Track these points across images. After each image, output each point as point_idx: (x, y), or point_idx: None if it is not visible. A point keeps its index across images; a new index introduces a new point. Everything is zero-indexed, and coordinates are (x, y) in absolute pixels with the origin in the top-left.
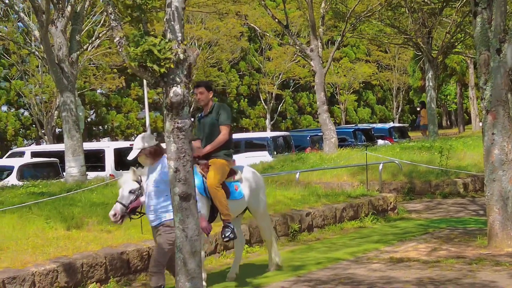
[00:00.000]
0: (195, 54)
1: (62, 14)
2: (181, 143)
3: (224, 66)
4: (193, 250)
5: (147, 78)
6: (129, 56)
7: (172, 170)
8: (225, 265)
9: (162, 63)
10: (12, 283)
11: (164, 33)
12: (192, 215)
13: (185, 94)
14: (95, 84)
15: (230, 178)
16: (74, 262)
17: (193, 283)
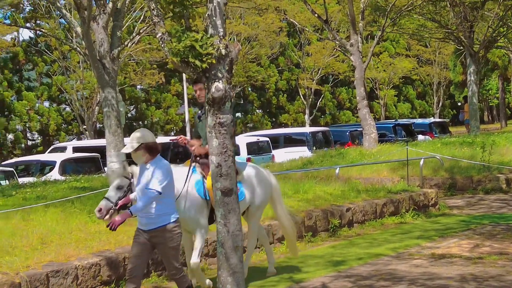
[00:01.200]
0: (236, 50)
1: (104, 10)
2: (222, 138)
3: (263, 61)
4: (235, 245)
5: (189, 73)
6: (171, 51)
7: (214, 165)
8: (265, 260)
9: (204, 59)
10: (56, 277)
11: (206, 29)
12: (234, 210)
13: (227, 90)
14: (135, 79)
15: None
16: (116, 256)
17: (235, 277)
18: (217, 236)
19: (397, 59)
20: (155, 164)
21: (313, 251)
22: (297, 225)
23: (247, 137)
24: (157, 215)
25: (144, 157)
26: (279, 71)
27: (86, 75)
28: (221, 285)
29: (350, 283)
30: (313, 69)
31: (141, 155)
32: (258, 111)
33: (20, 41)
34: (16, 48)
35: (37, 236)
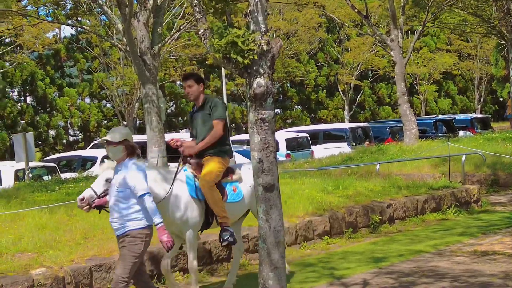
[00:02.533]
0: (278, 45)
1: (145, 7)
2: (264, 134)
3: (302, 57)
4: (276, 240)
5: (230, 69)
6: (213, 47)
7: (256, 161)
8: (305, 256)
9: (246, 55)
10: (99, 271)
11: (247, 25)
12: (276, 205)
13: (269, 85)
14: (175, 76)
15: (227, 178)
16: (158, 251)
17: (277, 273)
18: (259, 231)
19: (437, 54)
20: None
21: (354, 247)
22: (337, 221)
23: (286, 133)
24: (124, 219)
25: (122, 154)
26: (318, 66)
27: (126, 71)
28: (262, 281)
29: (391, 280)
30: (352, 65)
31: (120, 150)
32: (297, 107)
33: (62, 38)
34: (58, 45)
35: (80, 231)
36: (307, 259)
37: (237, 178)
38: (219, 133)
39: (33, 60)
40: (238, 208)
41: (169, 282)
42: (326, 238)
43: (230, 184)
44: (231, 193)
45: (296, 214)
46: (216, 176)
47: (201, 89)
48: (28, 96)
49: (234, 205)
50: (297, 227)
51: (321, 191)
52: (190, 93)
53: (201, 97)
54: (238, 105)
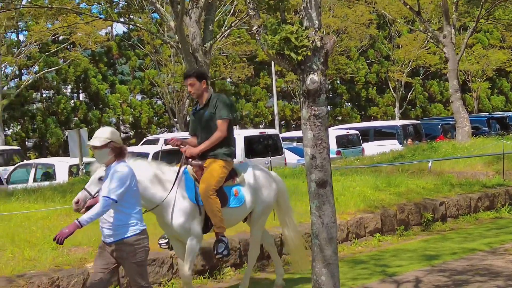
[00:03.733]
0: (331, 42)
1: (196, 4)
2: (317, 130)
3: (352, 54)
4: (329, 236)
5: (284, 65)
6: (266, 44)
7: (309, 157)
8: (357, 253)
9: (299, 51)
10: (152, 265)
11: (301, 21)
12: (329, 202)
13: (322, 82)
14: (225, 73)
15: (229, 182)
16: (209, 247)
17: (329, 269)
18: (312, 227)
19: (490, 51)
20: (115, 169)
21: (406, 245)
22: (388, 218)
23: (336, 130)
24: (117, 225)
25: (109, 156)
26: (368, 63)
27: (177, 68)
28: (315, 276)
29: (444, 278)
30: (403, 62)
31: (106, 153)
32: (347, 104)
33: (114, 36)
34: (110, 42)
35: None
36: (358, 256)
37: (240, 181)
38: (223, 134)
39: (86, 57)
40: (239, 213)
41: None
42: (377, 235)
43: (232, 188)
44: (233, 198)
45: (347, 211)
46: (217, 183)
47: (204, 86)
48: (81, 93)
49: (235, 210)
50: (348, 224)
51: (372, 188)
52: (192, 92)
53: (205, 95)
54: (288, 103)
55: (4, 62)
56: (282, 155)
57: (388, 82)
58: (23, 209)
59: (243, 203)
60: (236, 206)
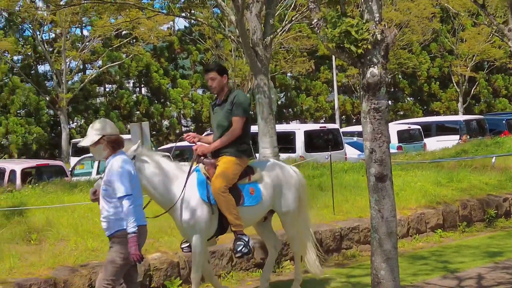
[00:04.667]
0: (392, 35)
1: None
2: (377, 124)
3: (414, 48)
4: (389, 231)
5: (344, 59)
6: (326, 37)
7: (368, 150)
8: (417, 248)
9: (359, 44)
10: (212, 257)
11: (361, 14)
12: (388, 196)
13: (382, 75)
14: (286, 67)
15: (244, 179)
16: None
17: (389, 263)
18: (371, 221)
19: None
20: (111, 164)
21: (468, 241)
22: (450, 214)
23: (398, 125)
24: (114, 219)
25: (105, 151)
26: (431, 57)
27: (238, 63)
28: (374, 271)
29: (508, 275)
30: (467, 56)
31: (102, 149)
32: (409, 99)
33: (176, 31)
34: (172, 37)
35: None
36: (419, 252)
37: (256, 178)
38: (237, 132)
39: (148, 52)
40: (256, 211)
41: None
42: (439, 231)
43: (247, 186)
44: (248, 196)
45: (408, 206)
46: (229, 180)
47: (224, 81)
48: (143, 87)
49: (251, 209)
50: (409, 219)
51: (434, 183)
52: (213, 86)
53: (225, 90)
54: (348, 97)
55: (69, 56)
56: (342, 150)
57: (451, 77)
58: (86, 200)
59: (260, 202)
60: (253, 204)
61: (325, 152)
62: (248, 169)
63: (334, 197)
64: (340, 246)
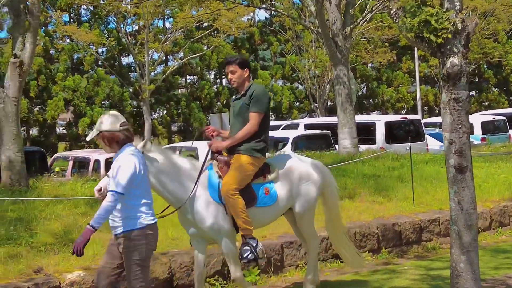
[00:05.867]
0: (473, 24)
1: None
2: (457, 115)
3: (500, 37)
4: (468, 223)
5: (423, 48)
6: (405, 27)
7: (447, 141)
8: (500, 242)
9: (439, 33)
10: (289, 248)
11: (441, 3)
12: (468, 187)
13: (463, 65)
14: (366, 58)
15: (259, 179)
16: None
17: (468, 256)
18: (450, 213)
19: None
20: (117, 158)
21: None
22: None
23: (481, 116)
24: (119, 217)
25: (106, 147)
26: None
27: (318, 53)
28: (453, 263)
29: None
30: None
31: (103, 145)
32: (494, 89)
33: (256, 22)
34: (252, 28)
35: None
36: (501, 245)
37: (272, 178)
38: (254, 128)
39: (229, 43)
40: (271, 212)
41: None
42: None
43: (262, 186)
44: (263, 197)
45: (491, 199)
46: (241, 181)
47: (246, 75)
48: (224, 78)
49: (265, 209)
50: (491, 212)
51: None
52: (233, 80)
53: (245, 84)
54: (431, 87)
55: (152, 48)
56: (424, 141)
57: None
58: None
59: (275, 202)
60: (268, 205)
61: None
62: (265, 167)
63: (414, 188)
64: (420, 238)
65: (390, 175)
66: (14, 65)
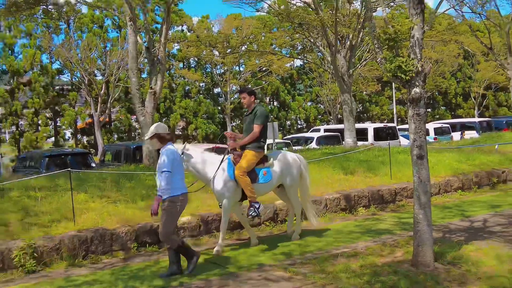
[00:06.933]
0: (428, 68)
1: (344, 46)
2: (418, 123)
3: (446, 75)
4: (424, 190)
5: (397, 82)
6: (386, 69)
7: (412, 140)
8: (445, 202)
9: (407, 73)
10: (315, 204)
11: (409, 54)
12: (425, 168)
13: (422, 92)
14: (362, 88)
15: (260, 165)
16: (349, 194)
17: (425, 210)
18: (414, 184)
19: None
20: (164, 151)
21: (478, 198)
22: (467, 181)
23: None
24: (163, 190)
25: (157, 144)
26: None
27: (332, 86)
28: (415, 215)
29: (503, 219)
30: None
31: (154, 142)
32: (442, 108)
33: (295, 66)
34: (292, 70)
35: None
36: (446, 204)
37: (269, 164)
38: (256, 135)
39: (278, 80)
40: (268, 186)
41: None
42: (459, 191)
43: (261, 170)
44: (262, 176)
45: (440, 175)
46: (248, 166)
47: (252, 100)
48: (275, 101)
49: (264, 185)
50: (439, 183)
51: (456, 161)
52: (244, 103)
53: (252, 105)
54: (402, 106)
55: (231, 83)
56: (398, 140)
57: (471, 93)
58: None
59: (270, 180)
60: (266, 182)
61: (386, 141)
62: (264, 158)
63: (392, 168)
64: (394, 199)
65: (377, 160)
66: (151, 93)
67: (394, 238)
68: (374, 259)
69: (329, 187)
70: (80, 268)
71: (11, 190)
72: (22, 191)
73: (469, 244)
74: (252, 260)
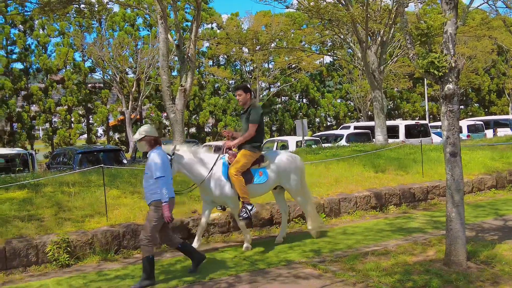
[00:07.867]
0: (462, 63)
1: (375, 42)
2: (451, 120)
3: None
4: (457, 188)
5: (430, 79)
6: (418, 65)
7: (445, 137)
8: (478, 200)
9: (440, 69)
10: (344, 201)
11: (441, 50)
12: (458, 166)
13: (455, 89)
14: (393, 85)
15: (256, 166)
16: (380, 192)
17: (457, 209)
18: (446, 182)
19: None
20: (153, 154)
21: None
22: (501, 178)
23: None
24: (150, 193)
25: (146, 146)
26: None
27: (363, 83)
28: (448, 213)
29: None
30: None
31: (143, 144)
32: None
33: (324, 63)
34: (322, 67)
35: (333, 177)
36: (479, 202)
37: (265, 165)
38: (251, 134)
39: (307, 77)
40: (263, 187)
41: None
42: (493, 190)
43: (257, 170)
44: (257, 177)
45: (473, 173)
46: (241, 167)
47: (248, 97)
48: (304, 98)
49: (259, 185)
50: (472, 181)
51: (490, 159)
52: (240, 100)
53: (247, 103)
54: (434, 103)
55: (260, 80)
56: (430, 137)
57: (504, 90)
58: None
59: (266, 181)
60: (261, 182)
61: (418, 138)
62: (260, 158)
63: (423, 166)
64: (426, 197)
65: (408, 158)
66: (181, 91)
67: (425, 236)
68: (405, 258)
69: (359, 184)
70: (112, 262)
71: (45, 186)
72: (56, 187)
73: (503, 243)
74: (281, 257)
